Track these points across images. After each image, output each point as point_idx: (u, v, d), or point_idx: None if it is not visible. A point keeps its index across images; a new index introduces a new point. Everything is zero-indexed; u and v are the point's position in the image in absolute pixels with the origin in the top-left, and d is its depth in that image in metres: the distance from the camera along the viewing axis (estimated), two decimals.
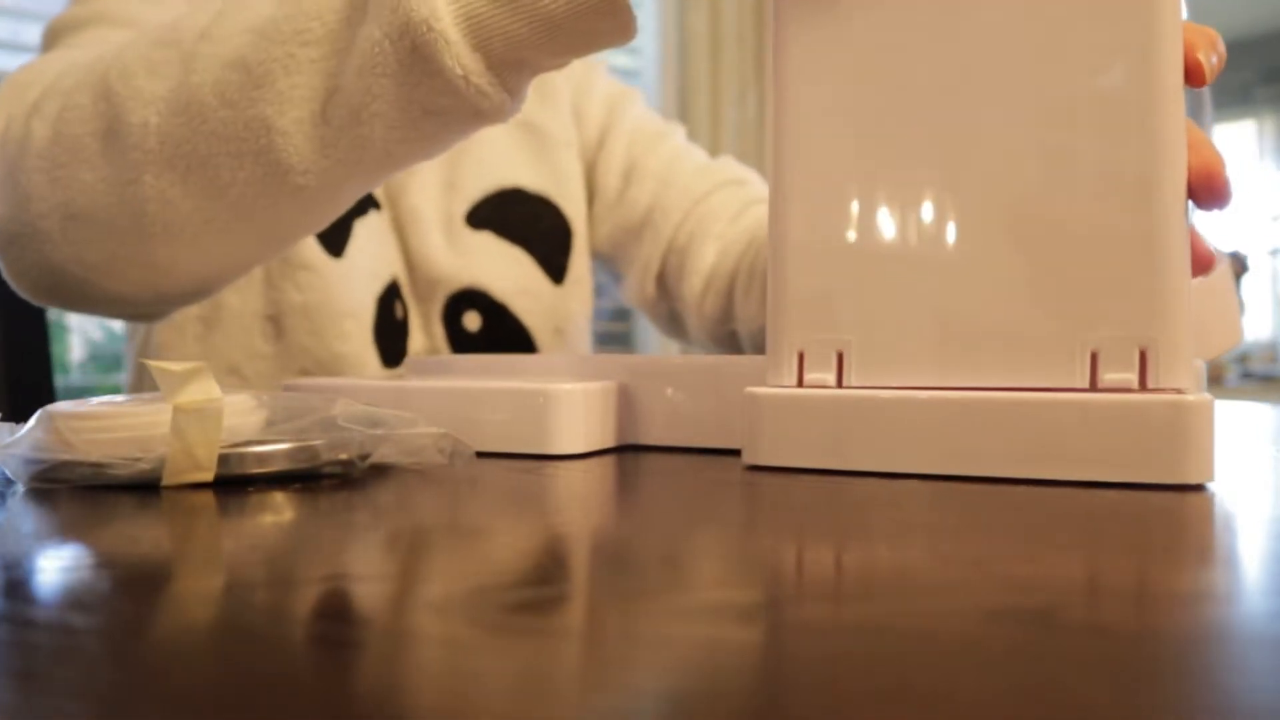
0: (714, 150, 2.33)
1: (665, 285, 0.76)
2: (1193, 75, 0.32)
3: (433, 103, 0.40)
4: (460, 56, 0.38)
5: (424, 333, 0.72)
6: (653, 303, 0.78)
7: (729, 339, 0.72)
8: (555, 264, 0.76)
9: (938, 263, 0.35)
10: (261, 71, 0.41)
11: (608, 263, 0.81)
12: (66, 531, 0.27)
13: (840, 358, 0.36)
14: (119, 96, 0.44)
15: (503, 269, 0.73)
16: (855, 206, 0.36)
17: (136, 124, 0.43)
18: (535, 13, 0.38)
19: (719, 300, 0.71)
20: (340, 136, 0.41)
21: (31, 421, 0.33)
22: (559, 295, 0.76)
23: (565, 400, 0.40)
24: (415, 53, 0.38)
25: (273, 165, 0.42)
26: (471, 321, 0.72)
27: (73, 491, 0.31)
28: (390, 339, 0.69)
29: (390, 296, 0.69)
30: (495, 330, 0.73)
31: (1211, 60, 0.32)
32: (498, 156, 0.74)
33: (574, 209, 0.77)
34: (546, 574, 0.22)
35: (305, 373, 0.65)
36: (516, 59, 0.39)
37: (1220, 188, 0.32)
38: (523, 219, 0.75)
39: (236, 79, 0.42)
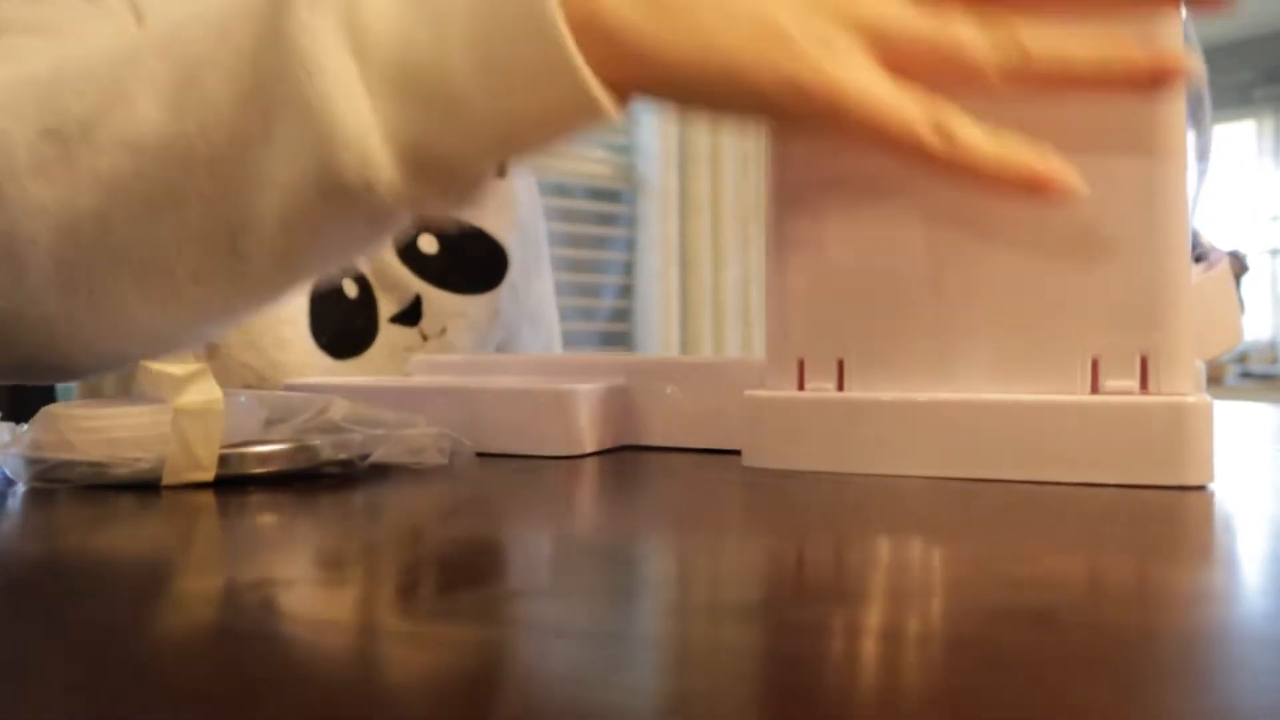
0: (716, 150, 2.33)
1: None
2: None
3: (375, 219, 0.34)
4: (403, 193, 0.31)
5: (388, 289, 0.66)
6: None
7: None
8: None
9: (937, 274, 0.34)
10: (146, 203, 0.34)
11: None
12: (67, 531, 0.27)
13: (840, 365, 0.36)
14: (5, 198, 0.36)
15: None
16: (853, 221, 0.36)
17: (26, 239, 0.36)
18: (496, 129, 0.31)
19: None
20: (263, 274, 0.35)
21: (32, 421, 0.33)
22: (504, 184, 0.71)
23: (567, 401, 0.40)
24: (346, 193, 0.31)
25: (187, 304, 0.36)
26: (428, 245, 0.67)
27: (73, 491, 0.31)
28: (341, 326, 0.63)
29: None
30: (454, 241, 0.68)
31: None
32: None
33: None
34: (546, 574, 0.22)
35: (247, 386, 0.60)
36: (472, 172, 0.33)
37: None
38: None
39: (124, 208, 0.34)
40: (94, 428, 0.32)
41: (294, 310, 0.62)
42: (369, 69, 0.30)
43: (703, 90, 0.30)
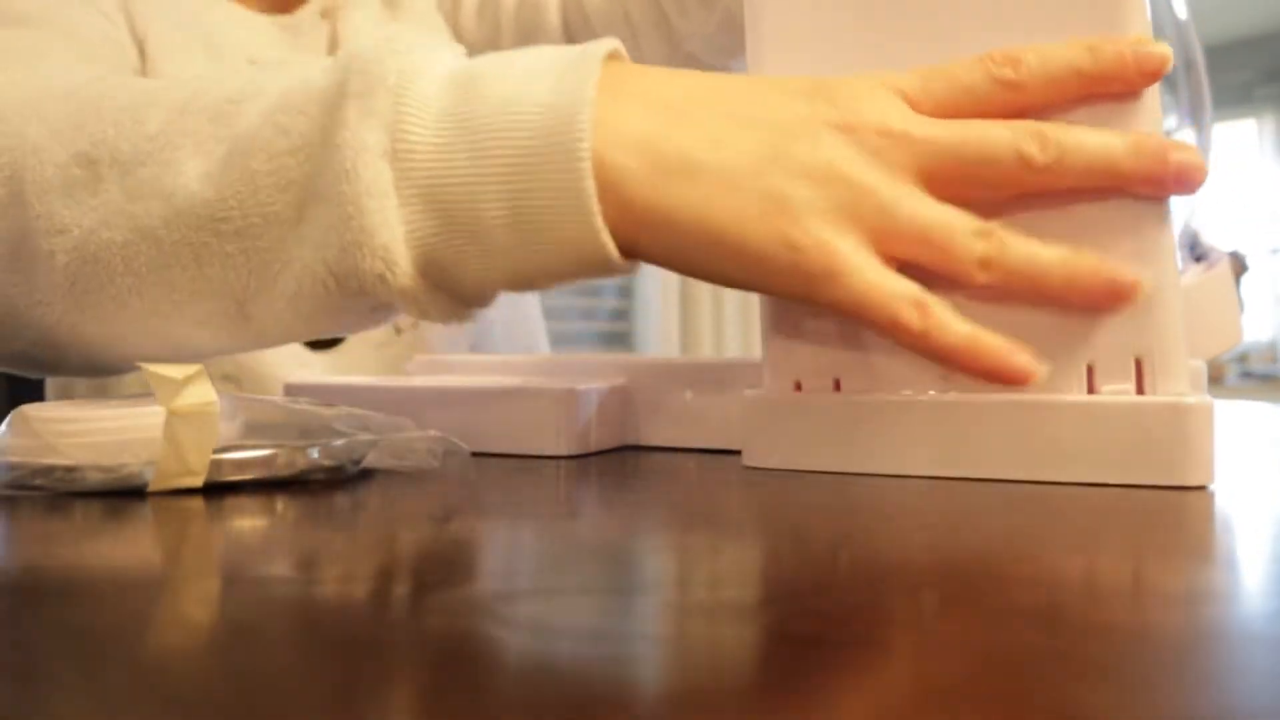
0: None
1: None
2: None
3: (377, 310, 0.37)
4: (412, 295, 0.34)
5: None
6: None
7: (688, 63, 0.67)
8: None
9: (930, 281, 0.34)
10: (171, 253, 0.35)
11: None
12: (50, 536, 0.27)
13: (837, 383, 0.36)
14: (31, 210, 0.37)
15: None
16: None
17: (44, 251, 0.37)
18: (511, 264, 0.33)
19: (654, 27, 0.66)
20: (263, 333, 0.38)
21: (5, 424, 0.32)
22: None
23: (567, 401, 0.40)
24: (359, 283, 0.33)
25: (189, 343, 0.39)
26: None
27: (55, 496, 0.31)
28: None
29: None
30: None
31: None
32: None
33: None
34: (544, 574, 0.22)
35: (228, 377, 0.60)
36: (480, 294, 0.35)
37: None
38: None
39: (146, 251, 0.36)
40: (74, 430, 0.31)
41: None
42: (404, 179, 0.32)
43: (701, 252, 0.32)
